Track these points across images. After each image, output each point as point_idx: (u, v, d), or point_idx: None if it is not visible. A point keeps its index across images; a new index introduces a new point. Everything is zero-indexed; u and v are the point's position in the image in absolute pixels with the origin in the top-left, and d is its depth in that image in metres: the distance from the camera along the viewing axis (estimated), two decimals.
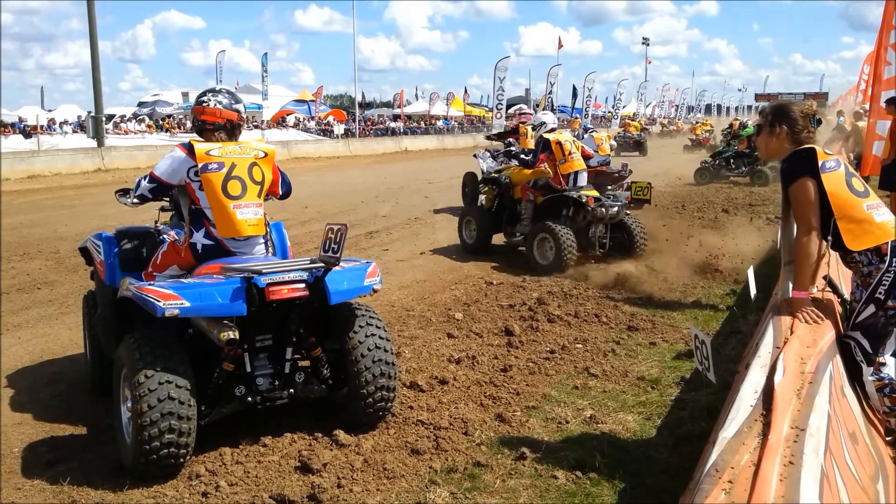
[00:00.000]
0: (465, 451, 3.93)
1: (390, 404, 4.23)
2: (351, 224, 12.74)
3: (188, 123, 37.26)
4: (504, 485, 3.58)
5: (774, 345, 3.13)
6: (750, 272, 5.08)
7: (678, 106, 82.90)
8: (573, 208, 8.91)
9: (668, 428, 4.20)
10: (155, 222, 4.94)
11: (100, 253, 4.66)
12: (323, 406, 4.34)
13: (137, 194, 4.24)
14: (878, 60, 10.56)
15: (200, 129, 4.29)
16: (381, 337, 4.16)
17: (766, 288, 5.65)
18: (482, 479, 3.63)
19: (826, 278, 3.84)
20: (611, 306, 6.89)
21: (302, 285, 3.78)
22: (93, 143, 25.43)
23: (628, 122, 36.75)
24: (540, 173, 9.21)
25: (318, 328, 4.23)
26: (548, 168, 9.12)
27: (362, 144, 36.21)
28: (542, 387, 4.90)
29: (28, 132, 29.67)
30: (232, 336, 3.62)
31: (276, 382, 4.03)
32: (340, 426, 4.13)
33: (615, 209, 8.78)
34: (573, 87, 53.79)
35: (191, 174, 4.10)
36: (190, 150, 4.10)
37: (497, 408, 4.52)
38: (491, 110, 46.84)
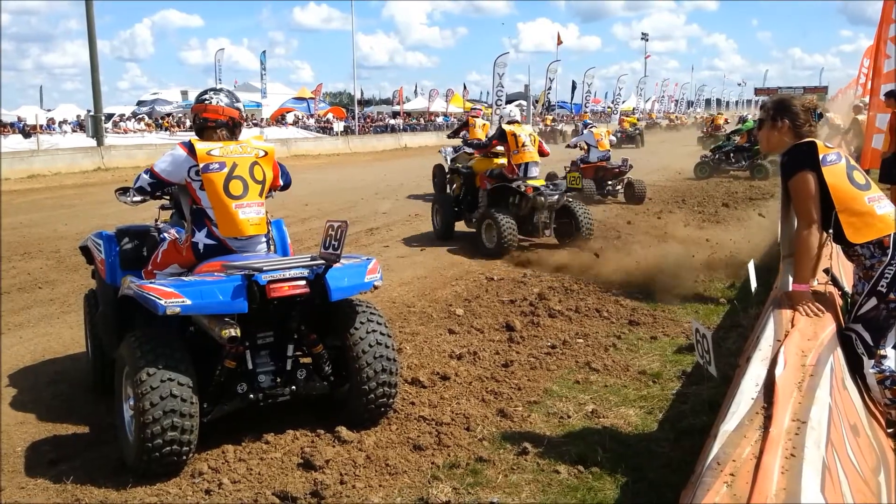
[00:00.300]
0: (467, 447, 3.94)
1: (392, 400, 4.23)
2: (351, 221, 12.76)
3: (187, 122, 37.27)
4: (506, 480, 3.58)
5: (775, 338, 3.13)
6: (750, 266, 5.08)
7: (677, 101, 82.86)
8: (518, 197, 9.56)
9: (670, 422, 4.20)
10: (155, 221, 4.95)
11: (100, 252, 4.67)
12: (325, 403, 4.34)
13: (137, 186, 4.23)
14: (878, 54, 10.58)
15: (201, 128, 4.27)
16: (383, 333, 4.16)
17: (767, 282, 5.65)
18: (484, 475, 3.64)
19: (827, 271, 3.84)
20: (612, 301, 6.90)
21: (303, 282, 3.78)
22: (92, 143, 25.42)
23: (623, 119, 38.90)
24: (489, 160, 10.13)
25: (320, 325, 4.24)
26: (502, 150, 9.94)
27: (362, 141, 36.20)
28: (544, 382, 4.90)
29: (27, 132, 29.66)
30: (233, 333, 3.62)
31: (278, 379, 4.04)
32: (342, 423, 4.13)
33: (555, 197, 9.43)
34: (572, 83, 53.71)
35: (191, 174, 4.10)
36: (191, 150, 4.09)
37: (498, 403, 4.53)
38: (490, 106, 46.81)
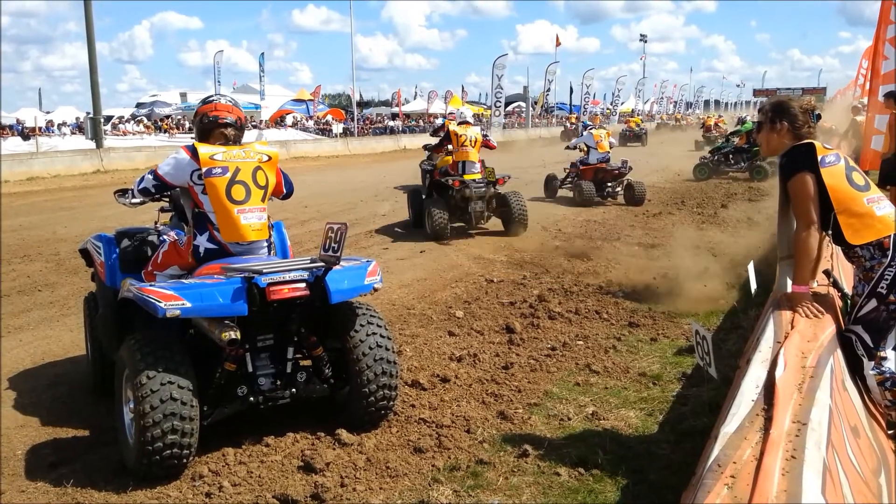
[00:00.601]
0: (468, 449, 3.94)
1: (392, 403, 4.23)
2: (351, 223, 12.72)
3: (186, 124, 37.30)
4: (507, 482, 3.58)
5: (775, 339, 3.13)
6: (750, 267, 5.07)
7: (676, 102, 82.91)
8: (453, 190, 10.98)
9: (670, 424, 4.20)
10: (155, 223, 4.95)
11: (100, 254, 4.67)
12: (325, 405, 4.34)
13: (141, 188, 4.22)
14: (876, 55, 10.57)
15: (209, 129, 4.24)
16: (383, 336, 4.16)
17: (767, 283, 5.65)
18: (485, 477, 3.64)
19: (827, 273, 3.84)
20: (611, 303, 6.90)
21: (302, 285, 3.78)
22: (91, 145, 25.38)
23: (629, 119, 43.65)
24: (446, 158, 11.44)
25: (320, 327, 4.24)
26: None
27: (361, 143, 36.18)
28: (544, 384, 4.90)
29: (26, 134, 29.63)
30: (233, 336, 3.62)
31: (278, 382, 4.04)
32: (343, 425, 4.13)
33: (482, 190, 10.92)
34: (570, 85, 53.81)
35: (194, 177, 4.09)
36: (194, 153, 4.08)
37: (499, 405, 4.53)
38: (490, 108, 46.80)
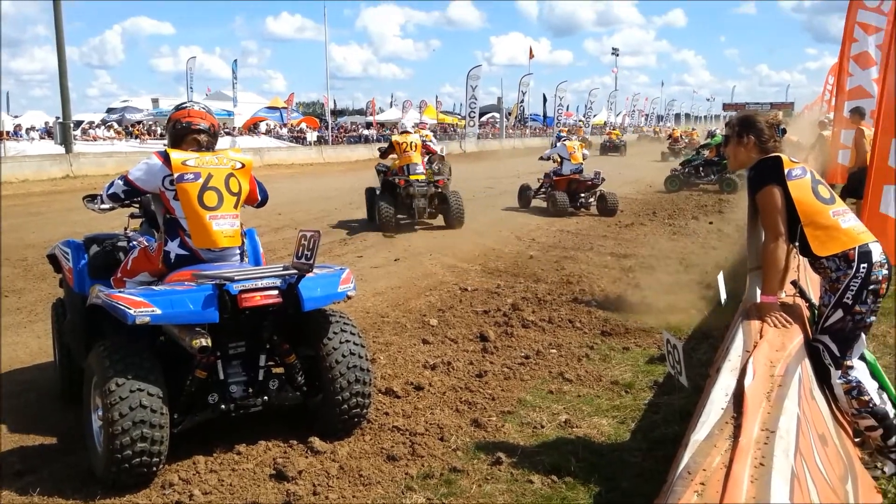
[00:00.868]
0: (441, 457, 3.94)
1: (365, 410, 4.21)
2: (325, 231, 12.70)
3: (158, 130, 36.91)
4: (480, 490, 3.58)
5: (744, 349, 3.17)
6: (720, 278, 5.14)
7: (648, 115, 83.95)
8: (399, 188, 12.58)
9: (642, 431, 4.24)
10: (125, 229, 4.88)
11: (68, 260, 4.60)
12: (298, 413, 4.31)
13: (110, 193, 4.17)
14: (841, 72, 10.81)
15: (181, 135, 4.21)
16: (356, 343, 4.15)
17: (737, 293, 5.73)
18: (458, 485, 3.63)
19: (795, 283, 3.91)
20: (584, 312, 6.95)
21: (275, 292, 3.76)
22: (61, 150, 25.02)
23: (610, 132, 48.69)
24: (393, 161, 13.18)
25: (292, 335, 4.21)
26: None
27: (335, 152, 36.10)
28: (518, 392, 4.92)
29: None
30: (204, 343, 3.58)
31: (250, 390, 4.00)
32: (315, 433, 4.11)
33: (423, 188, 12.51)
34: (543, 96, 54.33)
35: (166, 183, 4.06)
36: (166, 159, 4.05)
37: (473, 413, 4.53)
38: (464, 118, 46.97)
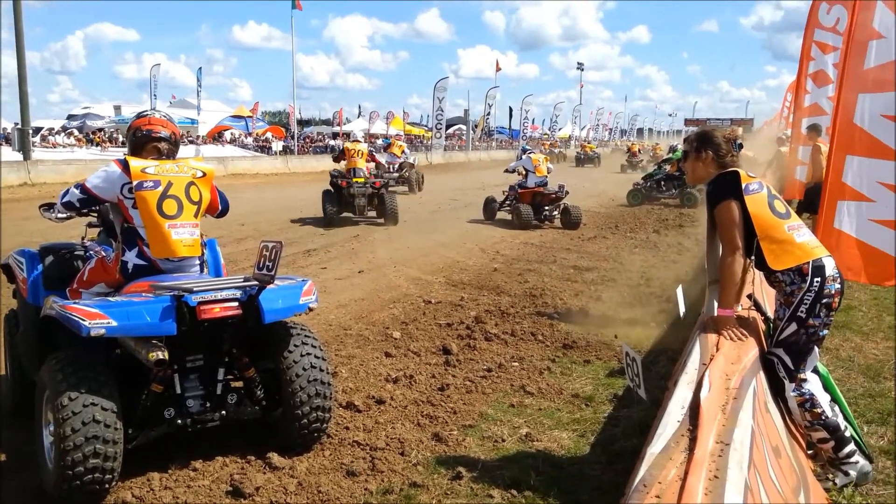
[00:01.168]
0: (402, 472, 3.91)
1: (326, 425, 4.17)
2: (289, 242, 12.61)
3: (120, 137, 36.30)
4: None
5: (701, 361, 3.22)
6: (679, 291, 5.21)
7: (611, 129, 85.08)
8: (342, 188, 14.89)
9: (602, 445, 4.26)
10: (82, 238, 4.79)
11: (22, 270, 4.48)
12: (256, 428, 4.25)
13: (65, 201, 4.09)
14: (799, 89, 11.08)
15: (142, 143, 4.16)
16: (317, 356, 4.11)
17: (695, 306, 5.81)
18: (418, 500, 3.61)
19: (750, 297, 3.97)
20: (547, 325, 6.98)
21: (235, 304, 3.71)
22: (18, 157, 24.42)
23: (585, 145, 51.77)
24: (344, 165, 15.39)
25: (253, 347, 4.15)
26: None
27: (301, 162, 35.84)
28: (479, 405, 4.92)
29: None
30: (161, 356, 3.51)
31: (208, 404, 3.93)
32: (274, 448, 4.05)
33: (362, 189, 14.76)
34: (510, 109, 54.88)
35: (124, 191, 3.99)
36: (125, 167, 3.99)
37: (434, 427, 4.52)
38: (431, 130, 47.09)
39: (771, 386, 3.55)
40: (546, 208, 15.13)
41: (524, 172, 15.38)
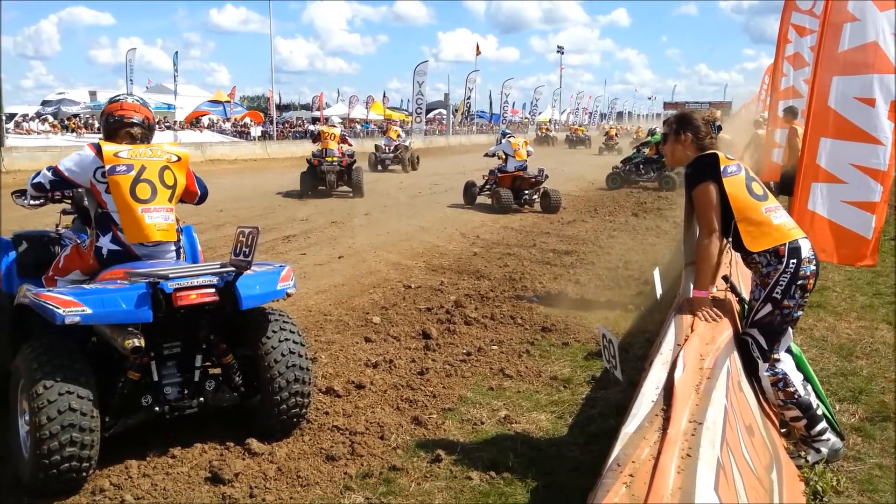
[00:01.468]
0: (381, 456, 3.93)
1: (305, 410, 4.17)
2: (268, 228, 12.54)
3: (95, 123, 35.78)
4: (419, 488, 3.59)
5: (675, 342, 3.25)
6: (655, 273, 5.26)
7: (591, 113, 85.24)
8: (315, 166, 17.11)
9: (580, 426, 4.30)
10: (56, 226, 4.73)
11: None
12: (235, 414, 4.24)
13: (35, 182, 4.03)
14: (776, 72, 11.14)
15: (115, 128, 4.12)
16: (296, 342, 4.10)
17: (672, 288, 5.87)
18: (397, 483, 3.63)
19: (726, 279, 4.02)
20: (526, 308, 7.02)
21: (211, 290, 3.69)
22: None
23: (577, 128, 55.75)
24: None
25: (230, 334, 4.14)
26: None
27: (280, 147, 35.56)
28: (459, 389, 4.94)
29: None
30: (137, 344, 3.49)
31: (185, 391, 3.92)
32: (253, 434, 4.05)
33: (333, 167, 16.99)
34: (490, 93, 54.94)
35: (97, 175, 3.95)
36: (98, 151, 3.95)
37: (413, 411, 4.54)
38: (411, 114, 46.93)
39: (745, 366, 3.60)
40: (526, 192, 15.14)
41: (504, 157, 15.37)
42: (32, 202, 4.17)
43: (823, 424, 3.64)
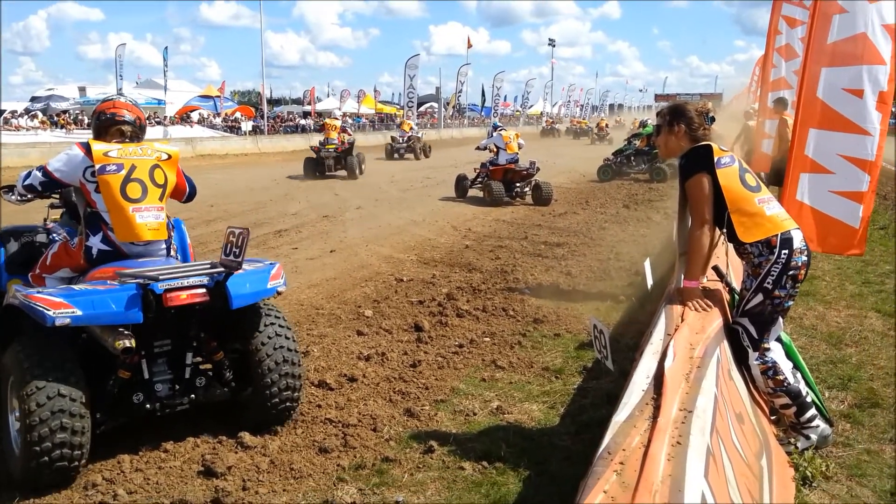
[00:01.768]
0: (374, 448, 3.94)
1: (296, 404, 4.18)
2: (259, 222, 12.51)
3: (85, 119, 35.56)
4: (412, 478, 3.60)
5: (666, 332, 3.27)
6: (646, 264, 5.28)
7: (583, 105, 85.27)
8: (317, 153, 20.71)
9: (571, 416, 4.33)
10: (44, 221, 4.71)
11: None
12: (228, 408, 4.24)
13: (25, 184, 4.00)
14: (766, 63, 11.19)
15: (105, 127, 4.09)
16: (287, 336, 4.10)
17: (663, 279, 5.89)
18: (390, 474, 3.65)
19: (716, 269, 4.04)
20: (518, 300, 7.03)
21: (202, 290, 3.67)
22: None
23: (579, 121, 59.49)
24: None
25: (221, 330, 4.13)
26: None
27: (271, 142, 35.43)
28: (451, 380, 4.95)
29: None
30: (128, 345, 3.48)
31: (177, 388, 3.91)
32: (246, 428, 4.05)
33: (331, 153, 20.42)
34: (482, 86, 55.04)
35: (87, 175, 3.92)
36: (88, 150, 3.92)
37: (406, 403, 4.55)
38: (403, 108, 46.82)
39: (735, 355, 3.62)
40: (517, 185, 15.14)
41: (495, 149, 15.37)
42: (19, 197, 4.14)
43: (813, 411, 3.67)
